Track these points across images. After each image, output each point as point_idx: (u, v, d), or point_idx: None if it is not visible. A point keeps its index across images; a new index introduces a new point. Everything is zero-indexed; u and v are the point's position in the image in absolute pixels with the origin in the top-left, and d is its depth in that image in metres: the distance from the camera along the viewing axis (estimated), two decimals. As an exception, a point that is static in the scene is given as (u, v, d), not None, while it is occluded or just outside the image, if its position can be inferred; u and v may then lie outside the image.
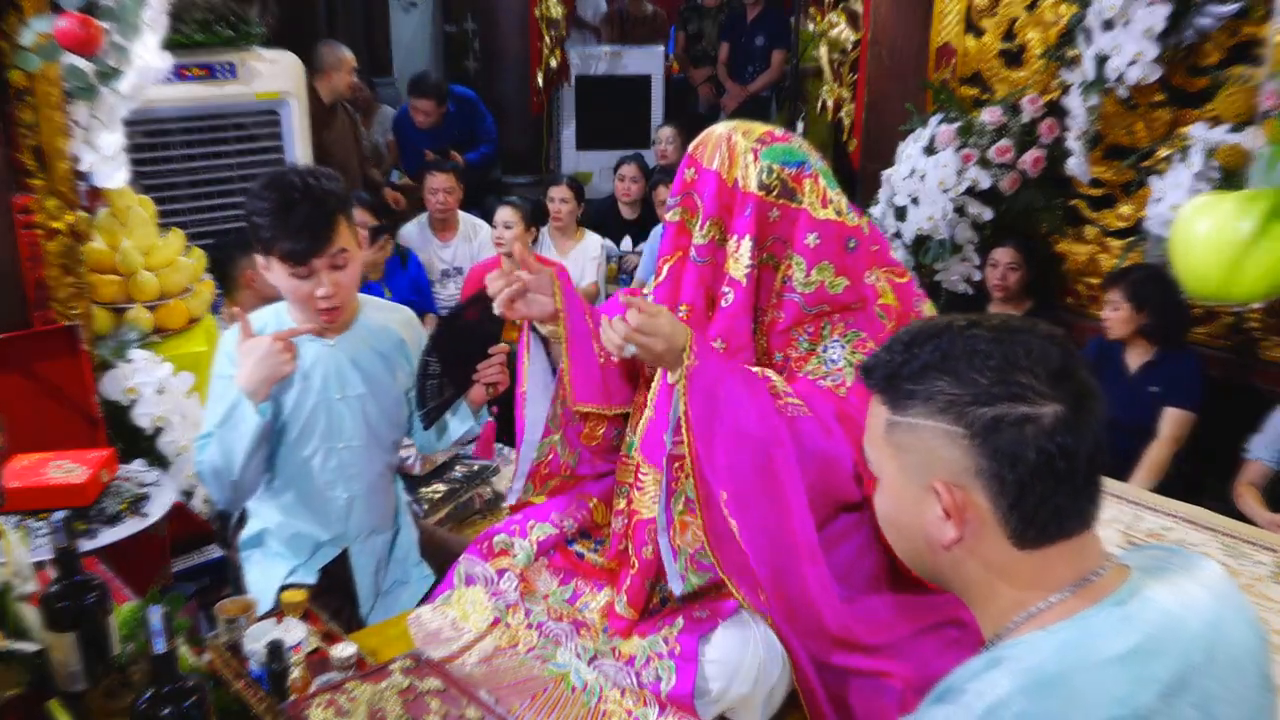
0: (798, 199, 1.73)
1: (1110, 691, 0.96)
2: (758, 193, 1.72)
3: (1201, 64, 3.53)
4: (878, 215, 4.24)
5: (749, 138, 1.76)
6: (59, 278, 2.82)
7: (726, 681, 1.68)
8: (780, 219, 1.73)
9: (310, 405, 2.25)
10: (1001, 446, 1.00)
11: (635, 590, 1.85)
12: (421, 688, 1.69)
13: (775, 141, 1.76)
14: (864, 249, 1.77)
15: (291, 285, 2.14)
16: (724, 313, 1.76)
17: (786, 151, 1.75)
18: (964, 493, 1.03)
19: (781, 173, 1.73)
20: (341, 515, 2.33)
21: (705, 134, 1.81)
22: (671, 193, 1.83)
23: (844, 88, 4.72)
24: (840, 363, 1.74)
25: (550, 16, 6.49)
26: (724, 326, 1.76)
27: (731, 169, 1.74)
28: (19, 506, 2.34)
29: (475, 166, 6.00)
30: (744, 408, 1.63)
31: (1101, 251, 3.96)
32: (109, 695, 1.54)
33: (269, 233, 2.09)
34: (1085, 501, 1.04)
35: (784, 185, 1.73)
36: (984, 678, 0.99)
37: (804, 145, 1.80)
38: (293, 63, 4.15)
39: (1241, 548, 2.56)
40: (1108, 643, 0.98)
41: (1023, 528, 1.02)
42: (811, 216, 1.73)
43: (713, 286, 1.77)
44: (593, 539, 2.01)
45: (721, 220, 1.75)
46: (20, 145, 2.70)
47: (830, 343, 1.76)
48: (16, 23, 2.56)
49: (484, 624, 1.99)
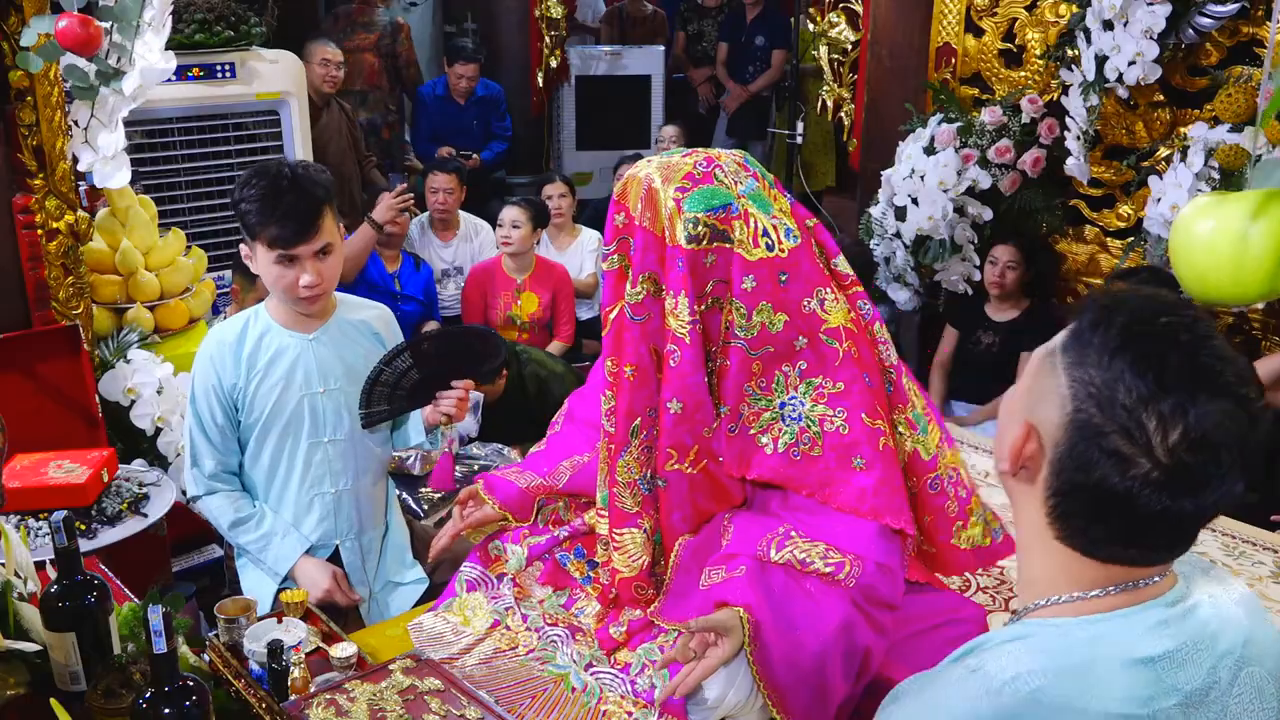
0: (730, 239, 1.66)
1: (1132, 690, 0.95)
2: (687, 246, 1.64)
3: (1201, 64, 3.53)
4: (877, 215, 4.24)
5: (669, 184, 1.66)
6: (59, 278, 2.82)
7: (722, 689, 1.67)
8: (716, 262, 1.67)
9: (294, 401, 2.27)
10: (1080, 446, 0.97)
11: (637, 621, 1.85)
12: (421, 688, 1.69)
13: (697, 185, 1.66)
14: (796, 278, 1.69)
15: (276, 273, 2.17)
16: (674, 373, 1.70)
17: (710, 195, 1.66)
18: (1036, 450, 1.01)
19: (709, 219, 1.64)
20: (330, 511, 2.34)
21: (627, 177, 1.73)
22: (605, 238, 1.77)
23: (844, 88, 4.72)
24: (803, 421, 1.70)
25: (550, 16, 6.49)
26: (677, 387, 1.70)
27: (656, 220, 1.67)
28: (19, 506, 2.35)
29: (488, 164, 6.08)
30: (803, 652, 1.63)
31: (1101, 251, 3.96)
32: (109, 695, 1.54)
33: (256, 219, 2.13)
34: (1136, 550, 1.00)
35: (714, 230, 1.65)
36: (1008, 650, 0.99)
37: (730, 174, 1.69)
38: (293, 63, 4.16)
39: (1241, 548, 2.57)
40: (1141, 644, 0.97)
41: (1057, 521, 1.01)
42: (745, 260, 1.66)
43: (656, 340, 1.71)
44: (586, 559, 2.00)
45: (654, 274, 1.69)
46: (20, 145, 2.70)
47: (788, 398, 1.71)
48: (17, 23, 2.56)
49: (484, 626, 1.99)
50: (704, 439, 1.73)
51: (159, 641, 1.34)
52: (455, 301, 4.79)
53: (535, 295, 4.46)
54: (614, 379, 1.74)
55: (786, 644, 1.62)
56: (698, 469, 1.75)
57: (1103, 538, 0.99)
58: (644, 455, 1.75)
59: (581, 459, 2.01)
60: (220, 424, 2.27)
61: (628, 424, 1.73)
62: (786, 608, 1.65)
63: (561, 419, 2.16)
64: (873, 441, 1.69)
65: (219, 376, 2.25)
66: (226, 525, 2.30)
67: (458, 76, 5.92)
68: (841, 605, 1.65)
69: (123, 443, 2.89)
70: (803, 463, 1.70)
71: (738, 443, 1.73)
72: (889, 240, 4.19)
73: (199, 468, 2.30)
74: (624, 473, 1.75)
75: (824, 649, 1.63)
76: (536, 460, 2.08)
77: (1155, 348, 0.95)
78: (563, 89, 6.88)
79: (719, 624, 1.61)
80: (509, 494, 2.01)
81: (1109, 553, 1.00)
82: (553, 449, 2.09)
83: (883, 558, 1.67)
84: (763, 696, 1.64)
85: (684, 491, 1.77)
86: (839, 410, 1.69)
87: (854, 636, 1.65)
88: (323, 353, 2.29)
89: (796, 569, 1.67)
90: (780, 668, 1.62)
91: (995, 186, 3.93)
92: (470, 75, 5.93)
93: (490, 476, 2.07)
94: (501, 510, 2.01)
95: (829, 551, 1.67)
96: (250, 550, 2.31)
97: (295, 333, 2.28)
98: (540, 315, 4.45)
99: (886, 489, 1.68)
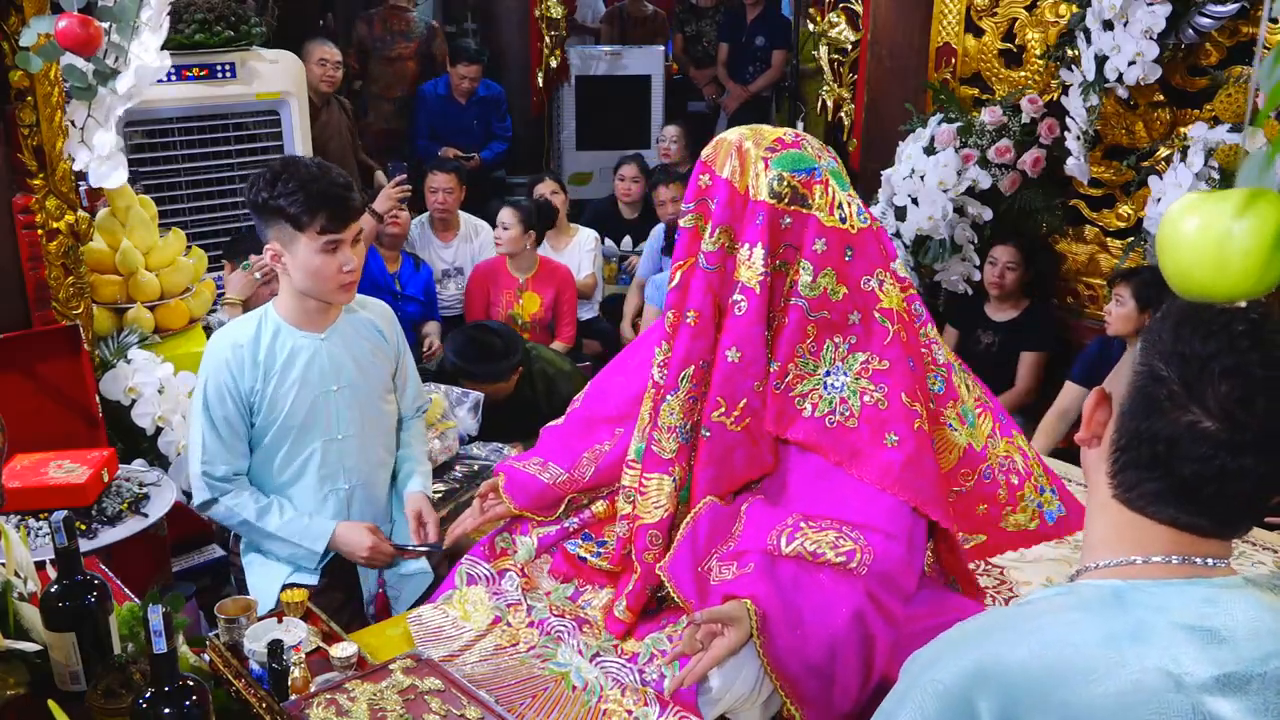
0: (808, 204, 1.74)
1: (1168, 649, 0.99)
2: (769, 201, 1.72)
3: (1201, 64, 3.53)
4: (877, 215, 4.24)
5: (760, 145, 1.75)
6: (59, 278, 2.82)
7: (729, 680, 1.68)
8: (792, 225, 1.74)
9: (310, 400, 2.28)
10: (1142, 395, 1.04)
11: (636, 594, 1.86)
12: (422, 687, 1.70)
13: (786, 149, 1.75)
14: (861, 256, 1.76)
15: (319, 263, 2.19)
16: (738, 321, 1.76)
17: (797, 158, 1.74)
18: (1106, 414, 1.09)
19: (792, 180, 1.73)
20: (342, 508, 2.35)
21: (718, 140, 1.81)
22: (686, 198, 1.83)
23: (844, 88, 4.71)
24: (844, 391, 1.75)
25: (550, 16, 6.49)
26: (738, 335, 1.76)
27: (743, 177, 1.74)
28: (19, 506, 2.35)
29: (488, 164, 6.10)
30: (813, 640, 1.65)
31: (1101, 251, 3.96)
32: (109, 695, 1.54)
33: (301, 208, 2.16)
34: (1184, 513, 1.05)
35: (795, 192, 1.73)
36: (1056, 600, 1.07)
37: (815, 148, 1.80)
38: (293, 63, 4.15)
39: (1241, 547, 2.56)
40: (1184, 612, 1.01)
41: (1116, 476, 1.07)
42: (820, 223, 1.74)
43: (720, 294, 1.77)
44: (595, 540, 2.01)
45: (731, 228, 1.75)
46: (20, 145, 2.70)
47: (833, 368, 1.76)
48: (17, 23, 2.56)
49: (485, 623, 1.99)
50: (753, 393, 1.77)
51: (159, 641, 1.34)
52: (455, 302, 4.80)
53: (537, 295, 4.47)
54: (673, 329, 1.80)
55: (795, 634, 1.64)
56: (741, 427, 1.79)
57: (1154, 493, 1.04)
58: (689, 403, 1.79)
59: (602, 448, 2.02)
60: (234, 426, 2.27)
61: (680, 370, 1.78)
62: (795, 598, 1.66)
63: (581, 399, 2.16)
64: (908, 421, 1.72)
65: (235, 379, 2.25)
66: (253, 516, 2.28)
67: (460, 77, 5.92)
68: (854, 595, 1.66)
69: (123, 443, 2.89)
70: (837, 431, 1.74)
71: (780, 400, 1.78)
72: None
73: (209, 473, 2.28)
74: (667, 416, 1.80)
75: (834, 638, 1.64)
76: (555, 450, 2.08)
77: (1221, 319, 1.04)
78: (563, 89, 6.88)
79: (725, 615, 1.64)
80: (530, 490, 2.02)
81: (1161, 512, 1.05)
82: (571, 438, 2.08)
83: (891, 528, 1.70)
84: (773, 686, 1.66)
85: (724, 447, 1.80)
86: (880, 386, 1.74)
87: (866, 626, 1.67)
88: (335, 351, 2.31)
89: (808, 560, 1.69)
90: (789, 657, 1.64)
91: (995, 186, 3.93)
92: (473, 76, 5.94)
93: (511, 471, 2.06)
94: (519, 511, 2.03)
95: (839, 539, 1.69)
96: (280, 534, 2.29)
97: (307, 332, 2.29)
98: (542, 315, 4.46)
99: (914, 470, 1.71)
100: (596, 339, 4.87)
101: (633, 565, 1.87)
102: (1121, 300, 3.41)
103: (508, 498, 2.03)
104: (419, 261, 4.60)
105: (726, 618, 1.64)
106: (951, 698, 1.03)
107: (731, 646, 1.63)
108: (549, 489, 2.01)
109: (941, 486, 1.76)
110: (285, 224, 2.18)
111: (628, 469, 1.87)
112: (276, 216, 2.18)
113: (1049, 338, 3.93)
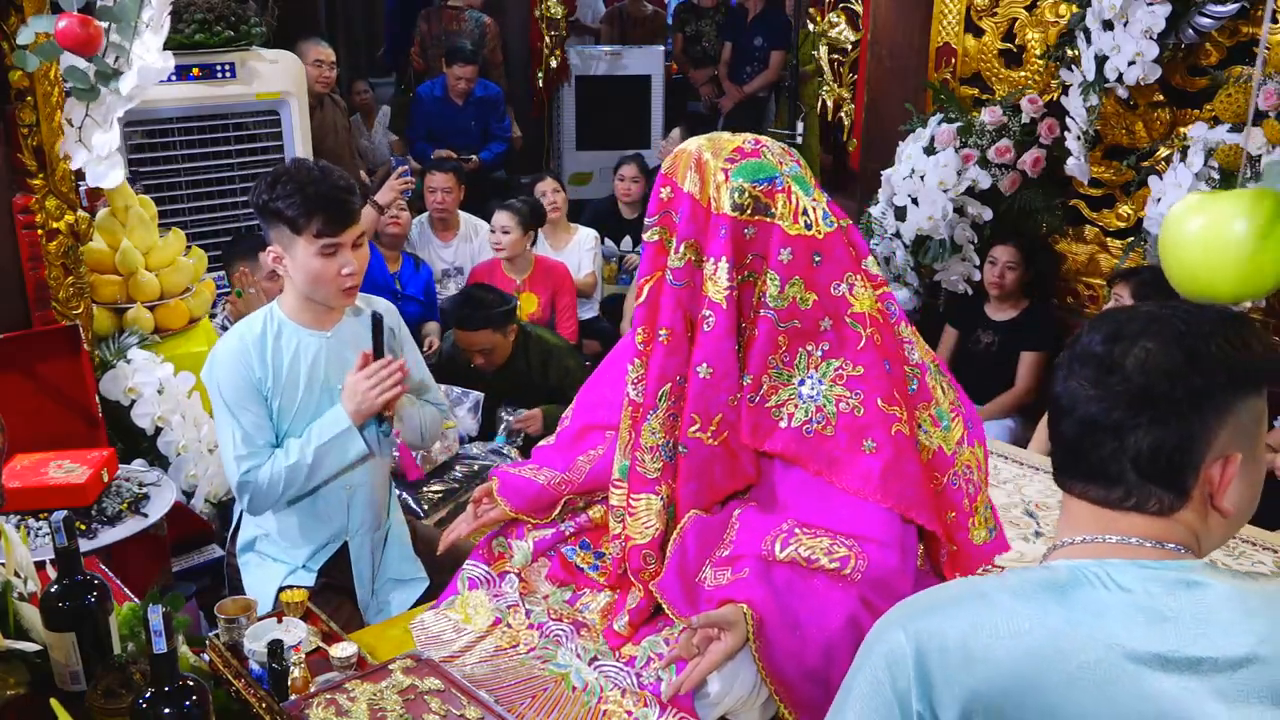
0: (771, 213, 1.71)
1: (1118, 625, 1.03)
2: (731, 214, 1.69)
3: (1201, 64, 3.53)
4: (877, 215, 4.24)
5: (719, 156, 1.72)
6: (59, 278, 2.82)
7: (727, 683, 1.68)
8: (756, 235, 1.71)
9: (315, 398, 2.28)
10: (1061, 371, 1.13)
11: (639, 610, 1.86)
12: (421, 687, 1.70)
13: (745, 158, 1.72)
14: (829, 260, 1.73)
15: (318, 266, 2.19)
16: (707, 337, 1.73)
17: (757, 167, 1.71)
18: None
19: (754, 190, 1.69)
20: (343, 508, 2.35)
21: (677, 151, 1.78)
22: (649, 211, 1.81)
23: (844, 88, 4.71)
24: (820, 399, 1.73)
25: (550, 16, 6.49)
26: (708, 350, 1.73)
27: (704, 189, 1.72)
28: (19, 506, 2.35)
29: (487, 165, 6.09)
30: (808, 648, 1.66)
31: (1101, 251, 3.96)
32: (109, 695, 1.54)
33: (298, 211, 2.15)
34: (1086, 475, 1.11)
35: (757, 202, 1.70)
36: (1022, 574, 1.12)
37: (776, 154, 1.76)
38: (293, 63, 4.15)
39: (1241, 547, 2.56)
40: (1137, 592, 1.05)
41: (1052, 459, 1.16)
42: (785, 232, 1.71)
43: (690, 309, 1.75)
44: (592, 551, 2.00)
45: (697, 242, 1.73)
46: (20, 145, 2.70)
47: (807, 376, 1.74)
48: (17, 23, 2.56)
49: (485, 624, 1.99)
50: (728, 407, 1.76)
51: (159, 641, 1.34)
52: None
53: (534, 295, 4.47)
54: (645, 346, 1.78)
55: (791, 638, 1.64)
56: (718, 441, 1.77)
57: (1060, 465, 1.14)
58: (669, 420, 1.78)
59: (597, 451, 2.01)
60: (255, 408, 2.24)
61: (657, 388, 1.76)
62: (790, 603, 1.66)
63: (570, 416, 2.16)
64: (885, 426, 1.70)
65: (247, 369, 2.24)
66: (290, 458, 2.22)
67: (456, 78, 5.90)
68: (848, 600, 1.66)
69: (123, 443, 2.89)
70: (814, 440, 1.73)
71: (755, 413, 1.76)
72: (889, 240, 4.19)
73: (246, 455, 2.23)
74: (648, 436, 1.78)
75: (830, 643, 1.64)
76: (550, 455, 2.08)
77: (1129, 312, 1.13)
78: (563, 89, 6.88)
79: (721, 619, 1.63)
80: (526, 493, 2.01)
81: (1072, 485, 1.13)
82: (566, 445, 2.09)
83: (883, 536, 1.69)
84: (768, 691, 1.65)
85: (702, 461, 1.78)
86: (856, 393, 1.72)
87: (861, 631, 1.65)
88: (339, 349, 2.31)
89: (802, 565, 1.68)
90: (785, 662, 1.63)
91: (995, 186, 3.93)
92: (469, 76, 5.91)
93: (505, 475, 2.06)
94: (515, 514, 2.02)
95: (833, 546, 1.68)
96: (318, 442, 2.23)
97: (313, 330, 2.29)
98: (540, 315, 4.45)
99: (895, 475, 1.70)
100: (596, 339, 4.88)
101: (631, 584, 1.88)
102: (1121, 300, 3.41)
103: (503, 500, 2.02)
104: (419, 261, 4.60)
105: (723, 622, 1.63)
106: (905, 665, 1.08)
107: (728, 651, 1.63)
108: (545, 490, 2.00)
109: (927, 488, 1.75)
110: (284, 226, 2.18)
111: (614, 488, 1.86)
112: (276, 219, 2.18)
113: (1049, 338, 3.93)
